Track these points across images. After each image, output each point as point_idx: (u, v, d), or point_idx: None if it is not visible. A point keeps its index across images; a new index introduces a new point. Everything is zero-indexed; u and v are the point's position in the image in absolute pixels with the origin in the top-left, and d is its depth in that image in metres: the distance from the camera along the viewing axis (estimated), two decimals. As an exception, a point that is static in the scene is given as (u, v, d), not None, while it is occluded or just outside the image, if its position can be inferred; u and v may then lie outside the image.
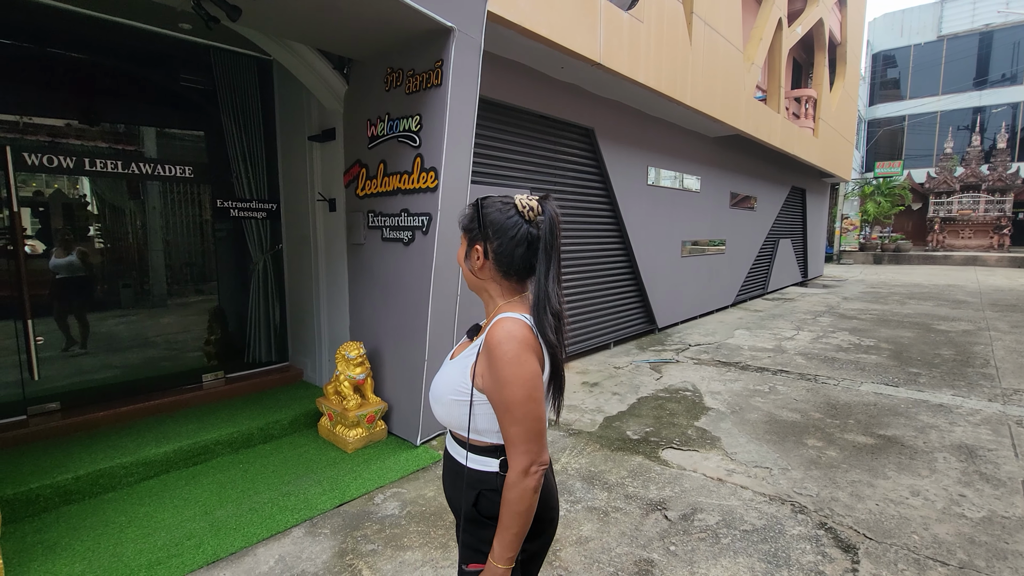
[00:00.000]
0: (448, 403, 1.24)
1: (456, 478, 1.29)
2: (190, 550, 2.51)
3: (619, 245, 6.82)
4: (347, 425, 3.62)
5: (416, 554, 2.50)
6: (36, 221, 3.84)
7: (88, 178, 3.95)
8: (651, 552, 2.51)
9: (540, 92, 5.14)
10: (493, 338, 1.15)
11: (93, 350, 3.97)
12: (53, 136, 3.70)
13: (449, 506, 1.38)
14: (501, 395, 1.14)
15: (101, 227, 4.17)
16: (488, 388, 1.17)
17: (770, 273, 12.09)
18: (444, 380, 1.27)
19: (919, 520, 2.76)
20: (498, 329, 1.16)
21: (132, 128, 4.15)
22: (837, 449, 3.65)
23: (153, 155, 4.23)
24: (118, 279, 4.20)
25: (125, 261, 4.26)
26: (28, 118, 3.60)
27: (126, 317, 4.22)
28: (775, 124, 9.40)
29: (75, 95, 3.78)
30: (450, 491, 1.35)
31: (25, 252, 3.51)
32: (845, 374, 5.49)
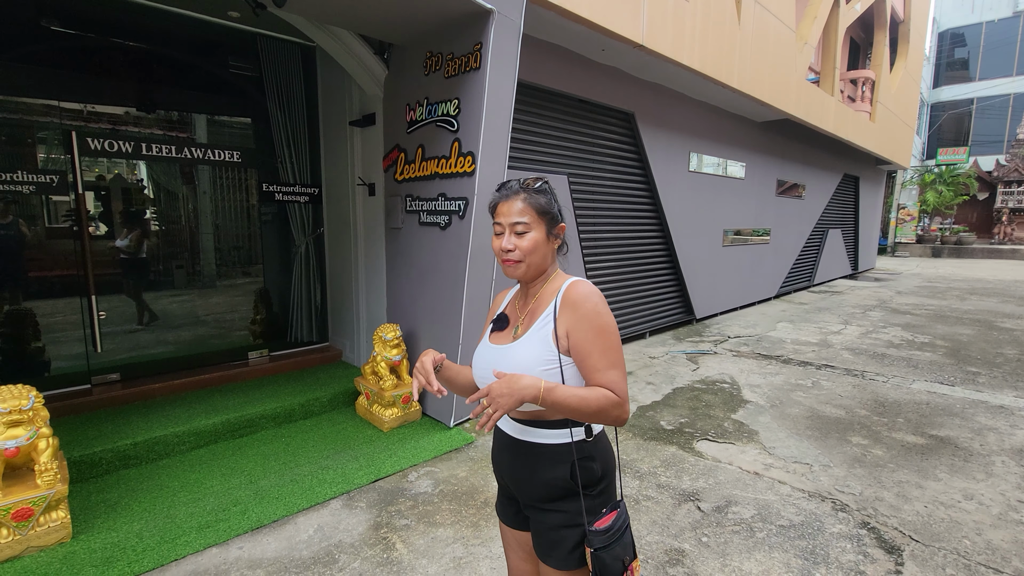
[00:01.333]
0: (545, 374, 1.21)
1: (537, 460, 1.26)
2: (236, 515, 2.65)
3: (657, 233, 6.68)
4: (383, 405, 3.72)
5: (448, 531, 2.56)
6: (99, 204, 4.08)
7: (144, 163, 4.15)
8: (682, 542, 2.48)
9: (579, 75, 5.05)
10: (578, 296, 1.23)
11: (150, 326, 4.21)
12: (113, 123, 3.91)
13: (518, 494, 1.33)
14: (599, 342, 1.20)
15: (157, 210, 4.39)
16: (579, 342, 1.21)
17: (817, 265, 11.59)
18: (524, 357, 1.23)
19: (971, 525, 2.62)
20: (579, 288, 1.25)
21: (184, 115, 4.33)
22: (884, 448, 3.50)
23: (203, 140, 4.41)
24: (172, 260, 4.43)
25: (178, 243, 4.47)
26: (91, 106, 3.81)
27: (179, 296, 4.45)
28: (828, 108, 8.94)
29: (133, 83, 3.97)
30: (523, 477, 1.29)
31: (89, 233, 3.73)
32: (896, 371, 5.23)
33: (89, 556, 2.32)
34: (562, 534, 1.24)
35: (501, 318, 1.37)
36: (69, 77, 3.69)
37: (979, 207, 23.93)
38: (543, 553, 1.28)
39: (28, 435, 2.36)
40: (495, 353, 1.30)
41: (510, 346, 1.28)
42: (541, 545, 1.29)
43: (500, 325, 1.36)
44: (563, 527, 1.24)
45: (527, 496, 1.30)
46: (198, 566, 2.29)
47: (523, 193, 1.26)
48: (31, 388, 2.43)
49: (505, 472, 1.35)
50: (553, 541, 1.25)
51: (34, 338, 3.80)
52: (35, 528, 2.34)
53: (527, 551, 1.41)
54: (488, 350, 1.33)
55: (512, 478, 1.32)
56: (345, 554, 2.38)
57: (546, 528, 1.26)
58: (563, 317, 1.23)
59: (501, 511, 1.44)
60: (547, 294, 1.30)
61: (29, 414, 2.38)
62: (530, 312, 1.31)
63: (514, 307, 1.38)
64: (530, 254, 1.26)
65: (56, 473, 2.42)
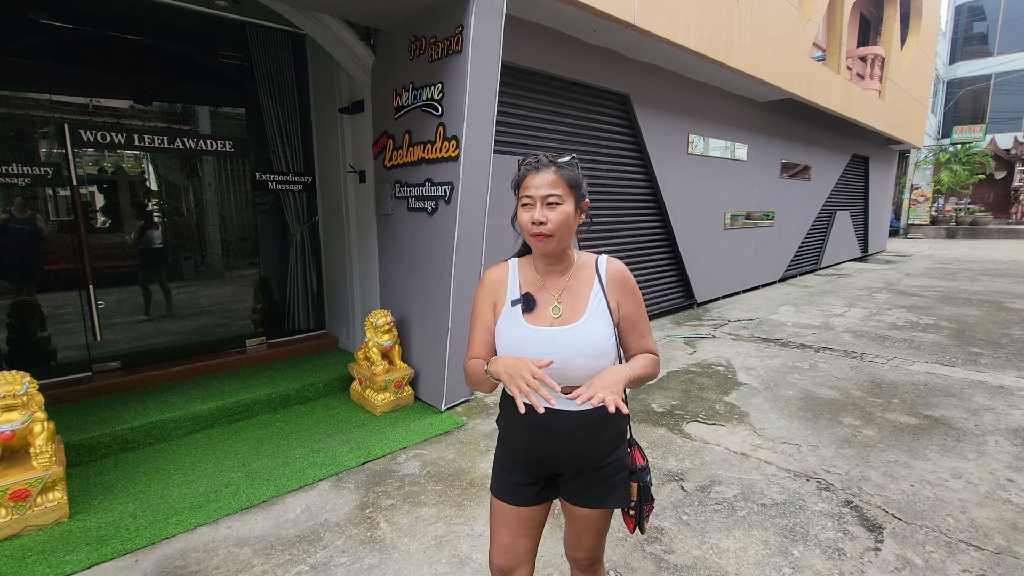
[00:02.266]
0: (610, 348, 1.31)
1: (599, 425, 1.33)
2: (227, 496, 2.72)
3: (655, 216, 6.63)
4: (375, 389, 3.77)
5: (432, 510, 2.60)
6: (95, 196, 4.14)
7: (139, 153, 4.20)
8: (663, 521, 2.50)
9: (571, 57, 4.99)
10: (622, 272, 1.38)
11: (152, 317, 4.29)
12: (105, 115, 3.95)
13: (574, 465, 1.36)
14: (642, 312, 1.40)
15: (155, 202, 4.46)
16: (629, 313, 1.37)
17: (824, 247, 11.44)
18: (596, 333, 1.28)
19: (957, 503, 2.61)
20: (617, 265, 1.39)
21: (175, 105, 4.36)
22: (875, 428, 3.48)
23: (196, 130, 4.45)
24: (171, 251, 4.49)
25: (177, 234, 4.54)
26: (82, 98, 3.85)
27: (179, 286, 4.52)
28: (834, 86, 8.74)
29: (124, 75, 4.00)
30: (587, 446, 1.33)
31: (86, 225, 3.79)
32: (896, 352, 5.18)
33: (84, 535, 2.40)
34: (617, 479, 1.40)
35: (528, 299, 1.34)
36: (60, 70, 3.73)
37: (996, 186, 23.36)
38: (597, 500, 1.39)
39: (23, 419, 2.44)
40: (557, 335, 1.28)
41: (578, 325, 1.29)
42: (595, 496, 1.38)
43: (529, 306, 1.33)
44: (617, 474, 1.40)
45: (588, 461, 1.35)
46: (187, 544, 2.36)
47: (554, 166, 1.28)
48: (25, 374, 2.51)
49: (562, 450, 1.34)
50: (609, 488, 1.39)
51: (40, 328, 3.90)
52: (32, 508, 2.42)
53: (530, 527, 1.43)
54: (534, 333, 1.30)
55: (574, 450, 1.33)
56: (330, 532, 2.44)
57: (602, 480, 1.38)
58: (612, 291, 1.35)
59: (515, 495, 1.41)
60: (582, 272, 1.36)
61: (24, 399, 2.45)
62: (569, 291, 1.33)
63: (535, 285, 1.36)
64: (561, 227, 1.27)
65: (52, 456, 2.49)
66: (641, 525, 1.45)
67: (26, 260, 3.71)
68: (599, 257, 1.39)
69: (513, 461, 1.43)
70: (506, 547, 1.44)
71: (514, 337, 1.32)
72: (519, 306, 1.34)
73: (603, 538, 1.49)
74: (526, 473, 1.41)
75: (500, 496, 1.44)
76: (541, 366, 1.16)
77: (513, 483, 1.42)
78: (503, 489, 1.44)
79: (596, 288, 1.33)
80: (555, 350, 1.26)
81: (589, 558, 1.50)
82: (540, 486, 1.41)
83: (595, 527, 1.44)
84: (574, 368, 1.27)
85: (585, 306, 1.32)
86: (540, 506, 1.44)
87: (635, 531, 1.48)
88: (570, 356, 1.27)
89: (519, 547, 1.44)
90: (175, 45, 4.21)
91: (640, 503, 1.42)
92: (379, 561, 2.24)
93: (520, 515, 1.42)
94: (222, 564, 2.23)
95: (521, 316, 1.33)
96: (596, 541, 1.47)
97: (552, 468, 1.39)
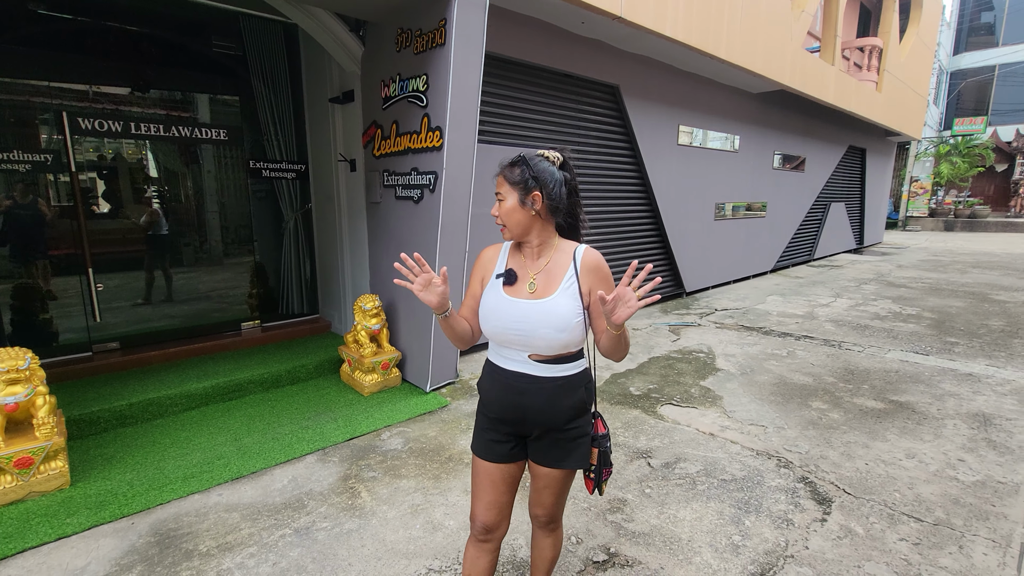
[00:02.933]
0: (574, 326, 1.46)
1: (563, 390, 1.50)
2: (219, 468, 2.88)
3: (645, 206, 6.73)
4: (364, 371, 3.92)
5: (411, 482, 2.77)
6: (94, 182, 4.28)
7: (136, 141, 4.32)
8: (627, 493, 2.66)
9: (560, 49, 5.07)
10: (596, 261, 1.51)
11: (150, 301, 4.45)
12: (103, 102, 4.07)
13: (540, 425, 1.52)
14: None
15: (154, 189, 4.59)
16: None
17: (818, 239, 11.52)
18: (564, 310, 1.44)
19: (906, 480, 2.76)
20: (593, 254, 1.52)
21: (173, 93, 4.47)
22: (841, 412, 3.63)
23: (192, 118, 4.56)
24: (177, 238, 4.64)
25: (176, 220, 4.67)
26: (81, 86, 3.96)
27: (177, 271, 4.67)
28: (828, 78, 8.78)
29: (121, 64, 4.11)
30: (552, 408, 1.50)
31: (85, 210, 3.93)
32: (874, 341, 5.31)
33: (84, 500, 2.57)
34: (578, 443, 1.56)
35: (511, 274, 1.53)
36: (58, 59, 3.84)
37: (997, 179, 23.31)
38: (558, 460, 1.55)
39: (26, 392, 2.59)
40: (526, 307, 1.47)
41: (547, 300, 1.47)
42: (557, 456, 1.55)
43: (510, 280, 1.52)
44: (579, 437, 1.56)
45: (553, 422, 1.51)
46: (180, 509, 2.53)
47: (501, 169, 1.51)
48: (27, 350, 2.66)
49: (530, 409, 1.51)
50: (570, 450, 1.55)
51: (43, 310, 4.06)
52: (36, 475, 2.59)
53: (509, 484, 1.60)
54: (510, 303, 1.49)
55: (540, 411, 1.50)
56: (314, 500, 2.61)
57: (565, 442, 1.54)
58: (585, 278, 1.48)
59: (492, 452, 1.58)
60: (561, 257, 1.52)
61: (26, 373, 2.61)
62: (546, 272, 1.51)
63: (519, 264, 1.55)
64: (506, 218, 1.49)
65: (53, 427, 2.66)
66: (600, 487, 1.62)
67: (29, 245, 3.86)
68: (578, 246, 1.55)
69: (489, 420, 1.60)
70: (491, 504, 1.60)
71: (493, 304, 1.53)
72: (502, 279, 1.54)
73: (561, 498, 1.65)
74: (499, 431, 1.58)
75: (478, 452, 1.62)
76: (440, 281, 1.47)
77: (488, 440, 1.60)
78: (480, 446, 1.61)
79: (571, 272, 1.49)
80: (524, 319, 1.47)
81: (547, 515, 1.66)
82: (511, 444, 1.58)
83: (555, 486, 1.60)
84: (537, 337, 1.46)
85: (557, 286, 1.49)
86: (514, 465, 1.60)
87: (594, 492, 1.63)
88: (536, 326, 1.46)
89: (502, 503, 1.61)
90: (170, 34, 4.31)
91: (600, 467, 1.59)
92: (358, 526, 2.41)
93: (502, 472, 1.59)
94: (212, 527, 2.39)
95: (502, 288, 1.53)
96: (554, 499, 1.63)
97: (523, 427, 1.55)
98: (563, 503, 1.68)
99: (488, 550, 1.62)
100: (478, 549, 1.62)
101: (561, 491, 1.63)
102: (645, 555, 2.21)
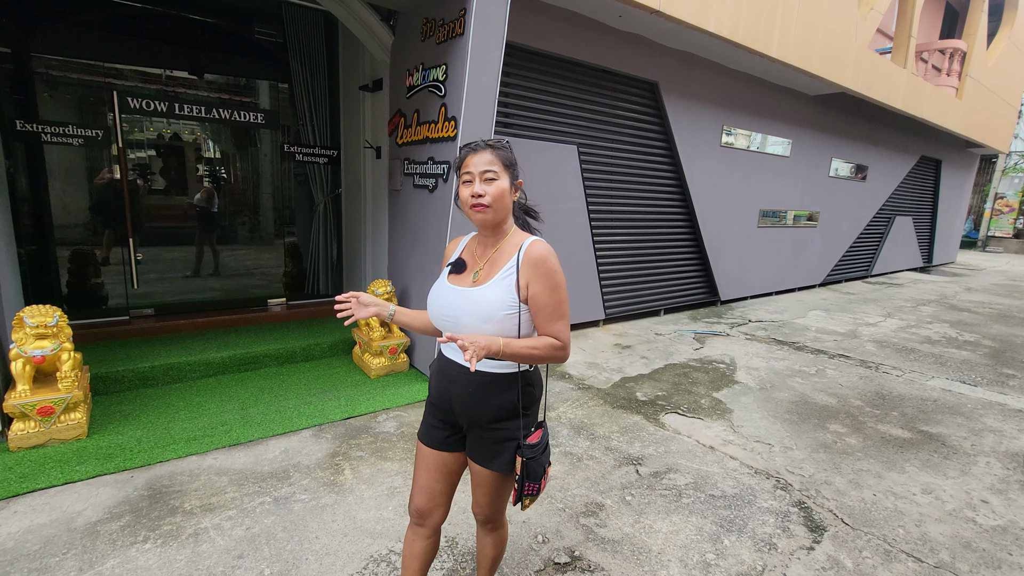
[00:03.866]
0: (501, 319, 1.39)
1: (490, 388, 1.45)
2: (221, 433, 3.04)
3: (680, 209, 6.51)
4: (372, 354, 4.02)
5: (394, 465, 2.81)
6: (146, 160, 4.59)
7: (181, 122, 4.59)
8: (606, 498, 2.59)
9: (596, 43, 4.97)
10: (539, 254, 1.41)
11: (179, 273, 4.74)
12: (150, 82, 4.35)
13: (466, 418, 1.49)
14: (553, 297, 1.41)
15: (207, 169, 4.90)
16: (536, 295, 1.41)
17: (877, 254, 10.78)
18: (490, 301, 1.39)
19: (915, 516, 2.54)
20: (539, 247, 1.42)
21: (219, 78, 4.72)
22: (860, 437, 3.38)
23: (234, 100, 4.80)
24: (226, 216, 4.93)
25: (223, 200, 4.95)
26: (130, 66, 4.25)
27: (221, 247, 4.95)
28: (898, 81, 8.16)
29: (168, 47, 4.38)
30: (476, 403, 1.47)
31: (129, 184, 4.22)
32: (917, 367, 4.92)
33: (95, 451, 2.77)
34: (504, 446, 1.49)
35: (459, 263, 1.52)
36: (111, 41, 4.14)
37: (1101, 200, 20.89)
38: (485, 460, 1.51)
39: (52, 347, 2.82)
40: (456, 295, 1.45)
41: (476, 289, 1.43)
42: (484, 455, 1.50)
43: (458, 268, 1.51)
44: (505, 440, 1.48)
45: (477, 418, 1.47)
46: (177, 468, 2.69)
47: (490, 148, 1.44)
48: (56, 308, 2.89)
49: (456, 399, 1.49)
50: (496, 452, 1.49)
51: (95, 275, 4.42)
52: (56, 424, 2.82)
53: (443, 472, 1.58)
54: (448, 290, 1.48)
55: (464, 403, 1.48)
56: (299, 473, 2.70)
57: (491, 442, 1.49)
58: (525, 271, 1.41)
59: (428, 436, 1.58)
60: (509, 247, 1.47)
61: (54, 329, 2.84)
62: (491, 261, 1.47)
63: (471, 254, 1.52)
64: (498, 200, 1.41)
65: (75, 381, 2.88)
66: (522, 500, 1.49)
67: (95, 216, 4.25)
68: (528, 238, 1.48)
69: (430, 405, 1.60)
70: (423, 488, 1.59)
71: (433, 292, 1.54)
72: (449, 268, 1.53)
73: (496, 499, 1.58)
74: (436, 417, 1.57)
75: (419, 436, 1.62)
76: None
77: (428, 425, 1.60)
78: (422, 430, 1.61)
79: (511, 264, 1.44)
80: (452, 305, 1.45)
81: (483, 514, 1.63)
82: (448, 432, 1.56)
83: (486, 485, 1.55)
84: (462, 326, 1.43)
85: (494, 276, 1.45)
86: (453, 454, 1.58)
87: (516, 504, 1.50)
88: (461, 314, 1.43)
89: (435, 490, 1.59)
90: (218, 20, 4.54)
91: (523, 478, 1.46)
92: (333, 501, 2.47)
93: (436, 459, 1.58)
94: (200, 488, 2.53)
95: (446, 277, 1.52)
96: (488, 499, 1.58)
97: (452, 416, 1.53)
98: (499, 505, 1.61)
99: (423, 535, 1.61)
100: (414, 532, 1.62)
101: (494, 492, 1.56)
102: (609, 562, 2.15)
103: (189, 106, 4.28)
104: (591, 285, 5.59)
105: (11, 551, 2.04)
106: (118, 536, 2.15)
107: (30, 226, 4.05)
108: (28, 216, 4.04)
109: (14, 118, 3.63)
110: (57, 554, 2.04)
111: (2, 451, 2.72)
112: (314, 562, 2.07)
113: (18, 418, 2.75)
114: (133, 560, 2.02)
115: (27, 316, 2.78)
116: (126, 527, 2.21)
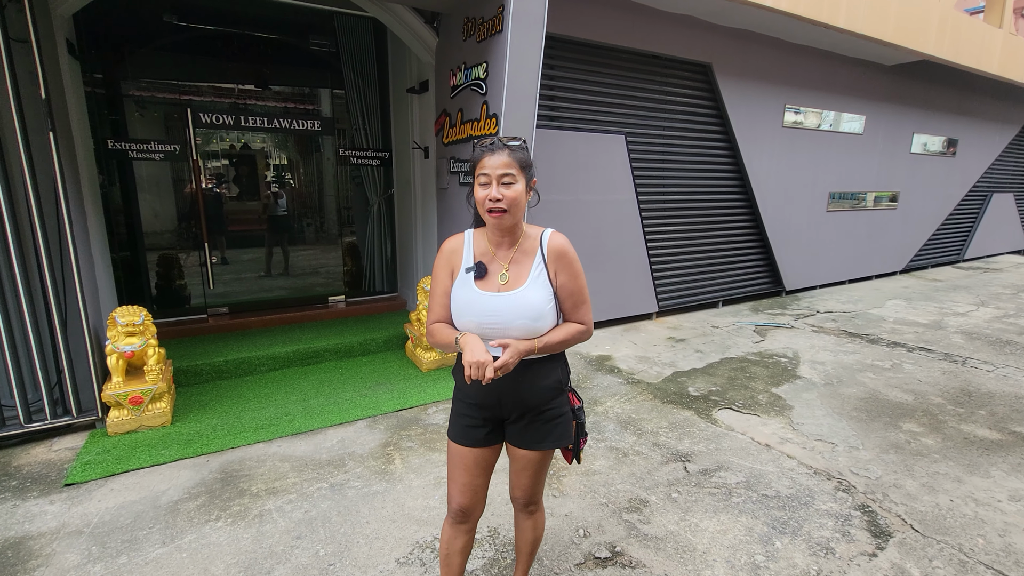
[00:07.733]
0: (547, 312, 1.46)
1: (537, 374, 1.51)
2: (285, 423, 3.26)
3: (739, 195, 6.21)
4: (423, 348, 4.15)
5: (442, 456, 2.90)
6: (219, 170, 4.97)
7: (246, 133, 4.93)
8: (650, 495, 2.55)
9: (642, 27, 4.83)
10: (560, 247, 1.50)
11: (252, 274, 5.10)
12: (223, 97, 4.70)
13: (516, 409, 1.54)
14: (577, 283, 1.52)
15: (275, 176, 5.27)
16: (564, 284, 1.50)
17: (971, 236, 9.78)
18: (537, 301, 1.44)
19: (998, 525, 2.31)
20: (558, 239, 1.51)
21: (281, 88, 5.03)
22: (939, 438, 3.11)
23: (294, 110, 5.09)
24: (293, 219, 5.28)
25: (288, 203, 5.29)
26: (205, 83, 4.62)
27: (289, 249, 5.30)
28: (992, 44, 7.34)
29: (236, 63, 4.70)
30: (527, 392, 1.51)
31: (203, 192, 4.59)
32: (1012, 361, 4.44)
33: (177, 437, 3.07)
34: (556, 422, 1.58)
35: (480, 266, 1.53)
36: (187, 62, 4.50)
37: None
38: (534, 442, 1.56)
39: (139, 343, 3.14)
40: (500, 301, 1.45)
41: (519, 292, 1.45)
42: (533, 438, 1.56)
43: (481, 273, 1.49)
44: (557, 417, 1.58)
45: (529, 406, 1.53)
46: (246, 454, 2.92)
47: (507, 149, 1.41)
48: (142, 308, 3.21)
49: (505, 394, 1.52)
50: (547, 431, 1.56)
51: (179, 276, 4.87)
52: (145, 412, 3.14)
53: (483, 468, 1.62)
54: (485, 297, 1.46)
55: (516, 395, 1.51)
56: (353, 461, 2.85)
57: (543, 423, 1.55)
58: (551, 263, 1.49)
59: (466, 436, 1.60)
60: (528, 244, 1.49)
61: (140, 327, 3.15)
62: (515, 261, 1.48)
63: (487, 255, 1.51)
64: (515, 204, 1.41)
65: (159, 374, 3.19)
66: (578, 455, 1.68)
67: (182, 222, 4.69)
68: (544, 231, 1.51)
69: (466, 406, 1.60)
70: (466, 487, 1.61)
71: (465, 300, 1.49)
72: (472, 273, 1.50)
73: (539, 479, 1.65)
74: (476, 416, 1.58)
75: (454, 438, 1.63)
76: (496, 367, 1.35)
77: (465, 426, 1.60)
78: (457, 432, 1.62)
79: (538, 259, 1.47)
80: (499, 312, 1.44)
81: (526, 497, 1.67)
82: (487, 428, 1.59)
83: (532, 467, 1.61)
84: (514, 329, 1.44)
85: (527, 275, 1.47)
86: (488, 449, 1.61)
87: (573, 462, 1.68)
88: (511, 318, 1.44)
89: (477, 486, 1.62)
90: (276, 35, 4.83)
91: (577, 437, 1.63)
92: (384, 489, 2.59)
93: (476, 456, 1.60)
94: (266, 472, 2.73)
95: (473, 282, 1.50)
96: (532, 481, 1.64)
97: (500, 411, 1.56)
98: (542, 484, 1.68)
99: (464, 531, 1.65)
100: (455, 530, 1.65)
101: (538, 472, 1.63)
102: (651, 559, 2.12)
103: (254, 118, 4.59)
104: (642, 277, 5.46)
105: (108, 523, 2.31)
106: (195, 514, 2.38)
107: (123, 234, 4.50)
108: (122, 225, 4.49)
109: (105, 138, 4.04)
110: (144, 528, 2.28)
111: (102, 435, 3.06)
112: (364, 545, 2.19)
113: (114, 407, 3.09)
114: (206, 536, 2.23)
115: (118, 316, 3.11)
116: (201, 507, 2.44)
